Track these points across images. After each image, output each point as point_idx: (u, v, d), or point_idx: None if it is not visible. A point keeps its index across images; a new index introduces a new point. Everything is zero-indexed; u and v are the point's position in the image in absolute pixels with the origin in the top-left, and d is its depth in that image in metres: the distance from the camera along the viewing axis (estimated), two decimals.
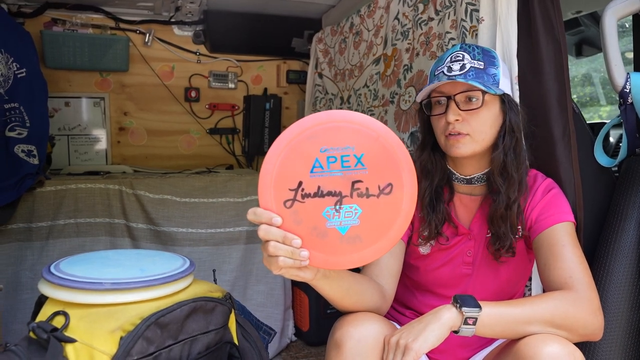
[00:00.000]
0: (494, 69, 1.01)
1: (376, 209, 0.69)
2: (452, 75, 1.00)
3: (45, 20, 2.10)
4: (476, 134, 0.99)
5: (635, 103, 1.07)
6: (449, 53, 1.04)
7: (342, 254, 0.70)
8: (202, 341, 0.78)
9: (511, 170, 1.00)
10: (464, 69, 1.00)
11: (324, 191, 0.69)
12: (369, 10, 1.92)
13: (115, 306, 0.72)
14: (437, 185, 1.08)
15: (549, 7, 1.13)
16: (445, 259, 1.09)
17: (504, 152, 1.00)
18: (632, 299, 1.08)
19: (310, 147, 0.69)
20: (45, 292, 0.74)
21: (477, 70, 1.00)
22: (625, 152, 1.16)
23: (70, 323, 0.68)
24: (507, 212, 1.01)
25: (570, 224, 0.98)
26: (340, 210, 0.69)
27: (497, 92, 0.98)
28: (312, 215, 0.69)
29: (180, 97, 2.40)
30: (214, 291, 0.84)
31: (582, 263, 0.92)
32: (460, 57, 1.02)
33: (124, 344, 0.66)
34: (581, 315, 0.85)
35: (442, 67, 1.03)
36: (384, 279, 1.01)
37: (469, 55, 1.02)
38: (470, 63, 1.00)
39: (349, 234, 0.70)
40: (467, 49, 1.03)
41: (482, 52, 1.03)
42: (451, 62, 1.02)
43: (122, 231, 1.81)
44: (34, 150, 1.69)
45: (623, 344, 1.07)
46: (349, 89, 2.08)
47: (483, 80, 0.99)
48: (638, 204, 1.11)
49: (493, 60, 1.02)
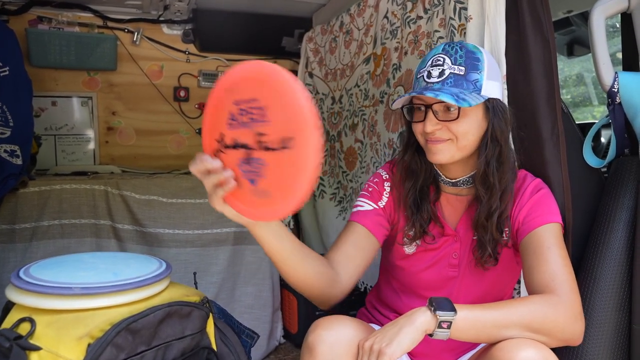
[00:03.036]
0: (476, 74, 0.96)
1: (280, 163, 0.67)
2: (429, 84, 0.97)
3: (30, 18, 2.07)
4: (457, 141, 0.97)
5: (623, 103, 1.05)
6: (432, 55, 1.00)
7: (256, 207, 0.71)
8: (177, 347, 0.75)
9: (493, 180, 0.98)
10: (443, 75, 0.96)
11: (238, 143, 0.70)
12: (358, 9, 1.90)
13: (84, 312, 0.69)
14: (421, 185, 1.06)
15: (537, 6, 1.11)
16: (430, 261, 1.08)
17: (485, 161, 0.98)
18: (620, 300, 1.07)
19: (227, 99, 0.71)
20: (12, 298, 0.71)
21: (456, 77, 0.95)
22: (614, 152, 1.15)
23: (37, 330, 0.66)
24: (487, 221, 0.99)
25: (556, 225, 0.96)
26: (251, 163, 0.70)
27: (473, 103, 0.92)
28: (232, 166, 0.72)
29: (169, 97, 2.37)
30: (191, 295, 0.82)
31: (566, 266, 0.90)
32: (440, 61, 0.98)
33: (91, 351, 0.64)
34: (560, 319, 0.83)
35: (424, 70, 1.00)
36: (340, 266, 0.99)
37: (450, 59, 0.97)
38: (450, 69, 0.96)
39: (258, 188, 0.70)
40: (449, 52, 0.98)
41: (466, 55, 0.97)
42: (432, 67, 0.98)
43: (107, 232, 1.78)
44: (18, 150, 1.66)
45: (611, 345, 1.06)
46: (341, 89, 2.06)
47: (462, 88, 0.95)
48: (626, 205, 1.10)
49: (476, 64, 0.97)
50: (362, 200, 1.11)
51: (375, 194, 1.11)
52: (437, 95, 0.91)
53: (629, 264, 1.07)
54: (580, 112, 3.02)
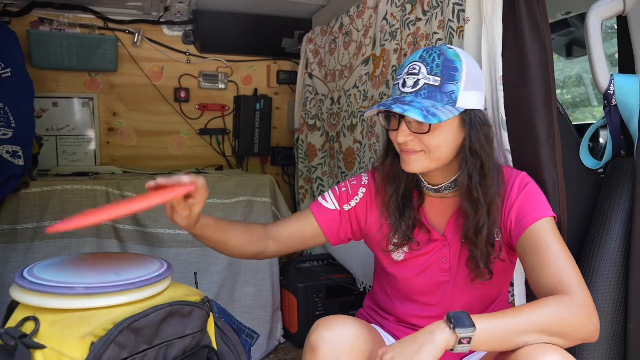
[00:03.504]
0: (452, 85, 0.93)
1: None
2: (403, 94, 0.94)
3: (32, 19, 2.08)
4: (430, 153, 0.95)
5: (619, 105, 1.06)
6: (409, 61, 0.97)
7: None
8: (179, 346, 0.77)
9: (477, 195, 0.95)
10: (417, 86, 0.93)
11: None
12: (358, 10, 1.92)
13: (87, 311, 0.71)
14: (404, 191, 1.05)
15: (534, 8, 1.12)
16: (421, 267, 1.07)
17: (468, 176, 0.96)
18: (617, 300, 1.08)
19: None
20: (16, 297, 0.73)
21: (430, 89, 0.92)
22: (611, 153, 1.16)
23: (41, 329, 0.67)
24: (477, 237, 0.98)
25: (550, 220, 0.94)
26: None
27: (444, 119, 0.89)
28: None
29: (170, 98, 2.38)
30: (192, 295, 0.83)
31: (569, 262, 0.88)
32: (416, 69, 0.94)
33: (94, 349, 0.65)
34: (577, 320, 0.82)
35: (400, 77, 0.97)
36: (273, 241, 1.10)
37: (427, 68, 0.93)
38: (425, 79, 0.93)
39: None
40: (426, 59, 0.94)
41: (443, 64, 0.93)
42: (408, 75, 0.95)
43: (109, 232, 1.79)
44: (19, 151, 1.67)
45: (607, 344, 1.07)
46: (339, 90, 2.07)
47: (435, 101, 0.92)
48: (622, 206, 1.11)
49: (453, 75, 0.93)
50: (331, 196, 1.13)
51: (344, 196, 1.11)
52: (405, 111, 0.88)
53: (625, 264, 1.08)
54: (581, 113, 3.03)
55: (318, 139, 2.26)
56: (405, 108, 0.89)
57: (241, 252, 1.09)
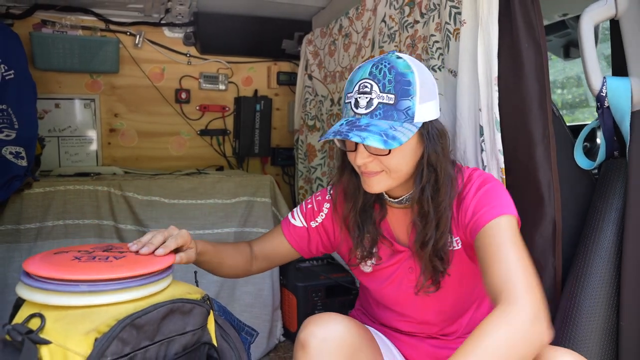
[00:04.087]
0: (407, 101, 0.88)
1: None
2: (357, 115, 0.89)
3: (34, 21, 2.10)
4: (390, 172, 0.93)
5: (611, 106, 1.08)
6: (359, 78, 0.91)
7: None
8: (179, 342, 0.79)
9: (428, 208, 0.94)
10: (371, 106, 0.88)
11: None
12: (357, 12, 1.94)
13: (91, 308, 0.73)
14: (362, 207, 1.02)
15: (529, 11, 1.14)
16: (388, 278, 1.07)
17: (420, 188, 0.94)
18: (610, 298, 1.10)
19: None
20: (22, 295, 0.75)
21: (385, 108, 0.88)
22: (604, 154, 1.18)
23: (46, 325, 0.69)
24: (422, 249, 0.96)
25: (508, 218, 0.88)
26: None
27: (404, 139, 0.86)
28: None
29: (170, 99, 2.40)
30: (193, 293, 0.85)
31: (519, 261, 0.82)
32: (368, 87, 0.89)
33: (98, 345, 0.67)
34: (520, 335, 0.74)
35: (351, 95, 0.91)
36: (257, 261, 1.15)
37: (378, 85, 0.88)
38: (378, 98, 0.88)
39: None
40: (376, 76, 0.89)
41: (395, 79, 0.88)
42: (359, 93, 0.90)
43: (110, 232, 1.81)
44: (22, 152, 1.70)
45: (600, 341, 1.09)
46: (339, 91, 2.09)
47: (392, 120, 0.88)
48: (615, 206, 1.12)
49: (407, 90, 0.88)
50: (298, 213, 1.14)
51: (310, 212, 1.12)
52: (364, 139, 0.84)
53: (618, 263, 1.10)
54: (581, 112, 3.04)
55: (317, 139, 2.28)
56: (363, 135, 0.85)
57: (234, 272, 1.12)
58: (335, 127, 0.91)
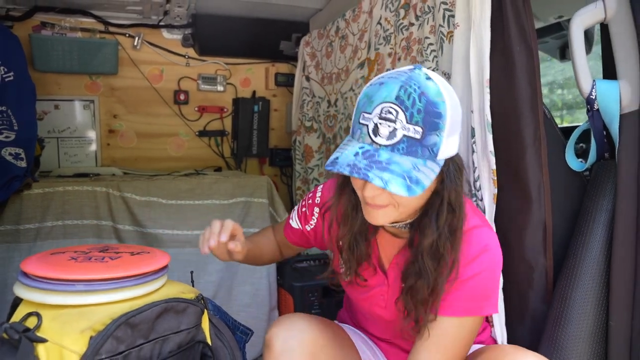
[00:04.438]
0: (434, 136, 0.78)
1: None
2: (375, 145, 0.78)
3: (34, 23, 2.12)
4: (399, 206, 0.84)
5: (601, 109, 1.10)
6: (382, 99, 0.78)
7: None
8: (174, 340, 0.80)
9: (444, 251, 0.85)
10: (394, 137, 0.77)
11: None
12: (353, 14, 1.95)
13: (87, 307, 0.75)
14: (358, 229, 0.94)
15: (521, 13, 1.16)
16: (363, 294, 1.04)
17: (437, 231, 0.85)
18: (599, 299, 1.11)
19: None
20: (19, 294, 0.77)
21: (410, 142, 0.77)
22: (595, 156, 1.19)
23: (43, 323, 0.71)
24: (430, 296, 0.87)
25: (477, 320, 0.89)
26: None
27: (427, 184, 0.76)
28: None
29: (169, 100, 2.42)
30: (187, 292, 0.87)
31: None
32: (393, 114, 0.77)
33: (93, 343, 0.69)
34: None
35: (369, 117, 0.79)
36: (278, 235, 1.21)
37: (406, 114, 0.76)
38: (403, 129, 0.76)
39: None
40: (404, 102, 0.77)
41: (425, 109, 0.77)
42: (381, 119, 0.78)
43: (109, 233, 1.83)
44: (22, 153, 1.71)
45: (590, 340, 1.10)
46: (336, 92, 2.11)
47: (415, 156, 0.77)
48: (605, 207, 1.14)
49: (437, 123, 0.78)
50: (295, 216, 1.16)
51: (304, 216, 1.13)
52: (387, 184, 0.74)
53: (607, 264, 1.11)
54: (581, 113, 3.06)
55: (315, 140, 2.29)
56: (385, 178, 0.74)
57: (270, 260, 1.22)
58: (348, 157, 0.78)
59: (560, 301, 1.14)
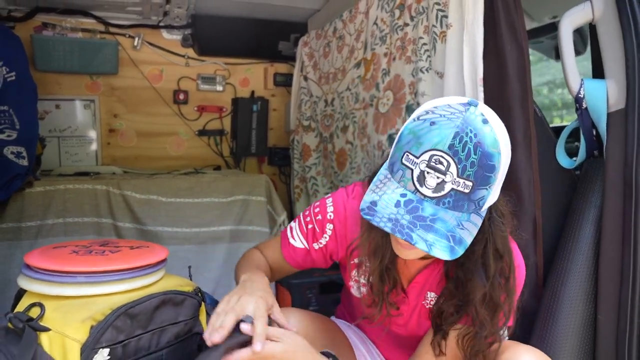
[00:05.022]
0: (483, 190, 0.71)
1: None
2: (419, 196, 0.72)
3: (35, 24, 2.15)
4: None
5: (589, 108, 1.12)
6: (434, 143, 0.70)
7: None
8: (172, 331, 0.83)
9: (497, 299, 0.81)
10: (441, 190, 0.70)
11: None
12: (350, 15, 1.98)
13: (88, 298, 0.78)
14: (390, 257, 0.89)
15: (512, 13, 1.18)
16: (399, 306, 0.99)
17: (490, 283, 0.80)
18: (588, 293, 1.14)
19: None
20: (23, 285, 0.80)
21: (457, 196, 0.71)
22: (584, 154, 1.22)
23: (46, 313, 0.73)
24: (490, 345, 0.85)
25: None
26: None
27: (469, 242, 0.71)
28: None
29: (169, 100, 2.45)
30: (184, 285, 0.90)
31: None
32: (443, 165, 0.70)
33: (94, 332, 0.71)
34: None
35: (416, 162, 0.71)
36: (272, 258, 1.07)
37: (458, 167, 0.69)
38: (453, 183, 0.70)
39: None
40: (458, 153, 0.69)
41: (479, 162, 0.70)
42: (429, 167, 0.70)
43: (109, 230, 1.86)
44: (23, 152, 1.74)
45: (579, 333, 1.13)
46: (333, 92, 2.13)
47: (460, 211, 0.72)
48: (594, 204, 1.16)
49: (488, 177, 0.71)
50: (298, 233, 1.01)
51: (312, 233, 0.99)
52: (431, 248, 0.69)
53: (596, 259, 1.14)
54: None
55: (312, 139, 2.32)
56: (429, 241, 0.69)
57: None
58: (389, 206, 0.72)
59: (551, 297, 1.16)
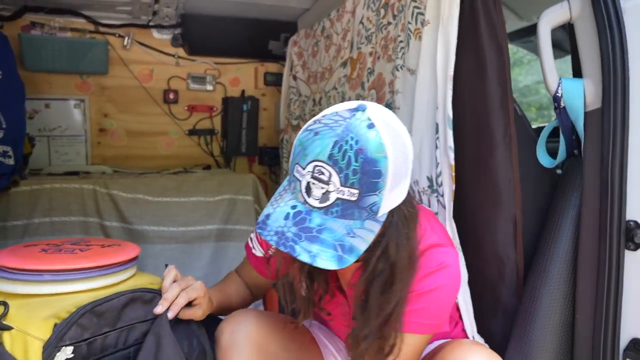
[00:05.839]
0: (373, 196, 0.70)
1: None
2: (308, 208, 0.71)
3: (23, 23, 2.15)
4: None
5: (567, 107, 1.12)
6: (316, 153, 0.70)
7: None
8: (140, 329, 0.83)
9: (372, 303, 0.79)
10: (326, 200, 0.70)
11: None
12: (338, 14, 1.98)
13: (54, 296, 0.78)
14: (310, 267, 0.87)
15: (492, 12, 1.18)
16: (327, 316, 1.04)
17: (367, 281, 0.79)
18: (567, 292, 1.14)
19: None
20: None
21: (345, 205, 0.70)
22: (564, 153, 1.21)
23: (10, 312, 0.73)
24: (359, 344, 0.84)
25: (425, 338, 0.87)
26: None
27: (363, 249, 0.70)
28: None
29: (159, 99, 2.45)
30: (156, 283, 0.89)
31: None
32: (325, 175, 0.69)
33: (57, 330, 0.71)
34: None
35: (303, 173, 0.71)
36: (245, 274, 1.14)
37: (339, 176, 0.69)
38: (337, 192, 0.69)
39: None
40: (338, 163, 0.68)
41: (362, 170, 0.68)
42: (313, 178, 0.70)
43: (96, 229, 1.86)
44: (10, 151, 1.74)
45: (557, 332, 1.12)
46: (320, 91, 2.13)
47: (351, 219, 0.71)
48: (573, 203, 1.16)
49: (375, 183, 0.70)
50: (255, 242, 1.07)
51: (264, 240, 1.00)
52: (314, 259, 0.68)
53: (575, 259, 1.14)
54: None
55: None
56: (313, 252, 0.68)
57: (242, 307, 1.09)
58: (278, 219, 0.72)
59: (530, 296, 1.16)
